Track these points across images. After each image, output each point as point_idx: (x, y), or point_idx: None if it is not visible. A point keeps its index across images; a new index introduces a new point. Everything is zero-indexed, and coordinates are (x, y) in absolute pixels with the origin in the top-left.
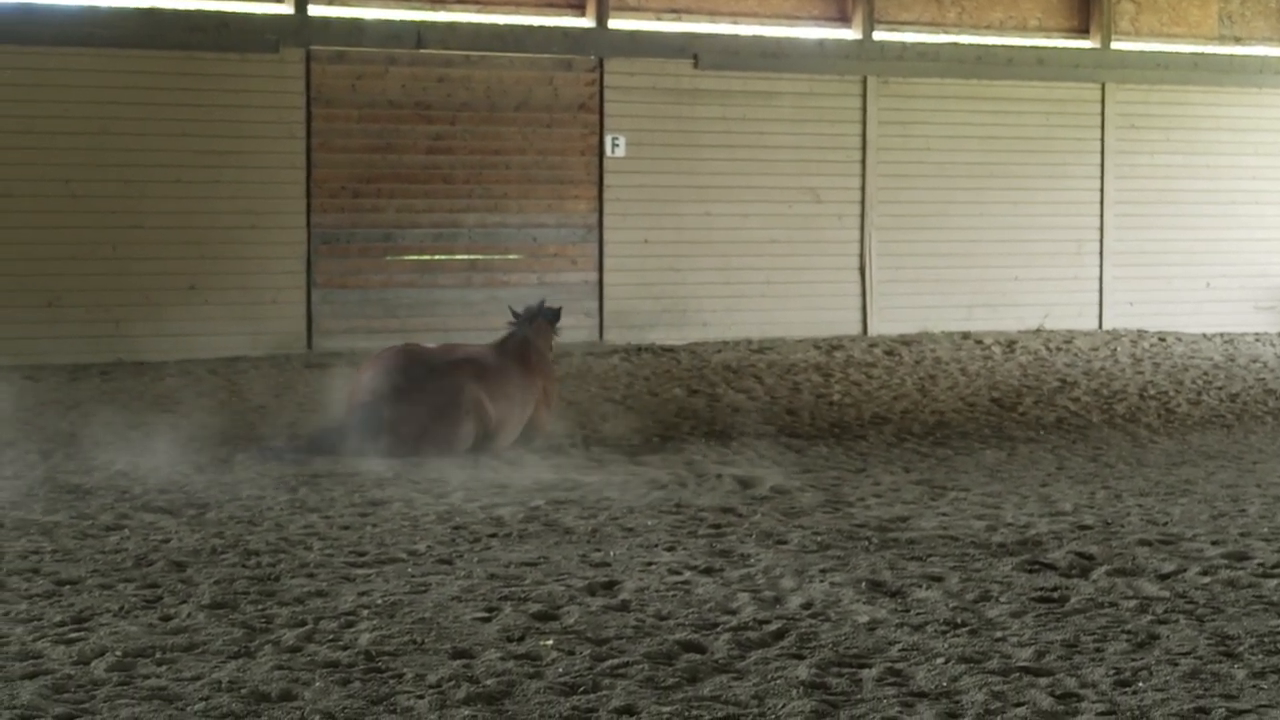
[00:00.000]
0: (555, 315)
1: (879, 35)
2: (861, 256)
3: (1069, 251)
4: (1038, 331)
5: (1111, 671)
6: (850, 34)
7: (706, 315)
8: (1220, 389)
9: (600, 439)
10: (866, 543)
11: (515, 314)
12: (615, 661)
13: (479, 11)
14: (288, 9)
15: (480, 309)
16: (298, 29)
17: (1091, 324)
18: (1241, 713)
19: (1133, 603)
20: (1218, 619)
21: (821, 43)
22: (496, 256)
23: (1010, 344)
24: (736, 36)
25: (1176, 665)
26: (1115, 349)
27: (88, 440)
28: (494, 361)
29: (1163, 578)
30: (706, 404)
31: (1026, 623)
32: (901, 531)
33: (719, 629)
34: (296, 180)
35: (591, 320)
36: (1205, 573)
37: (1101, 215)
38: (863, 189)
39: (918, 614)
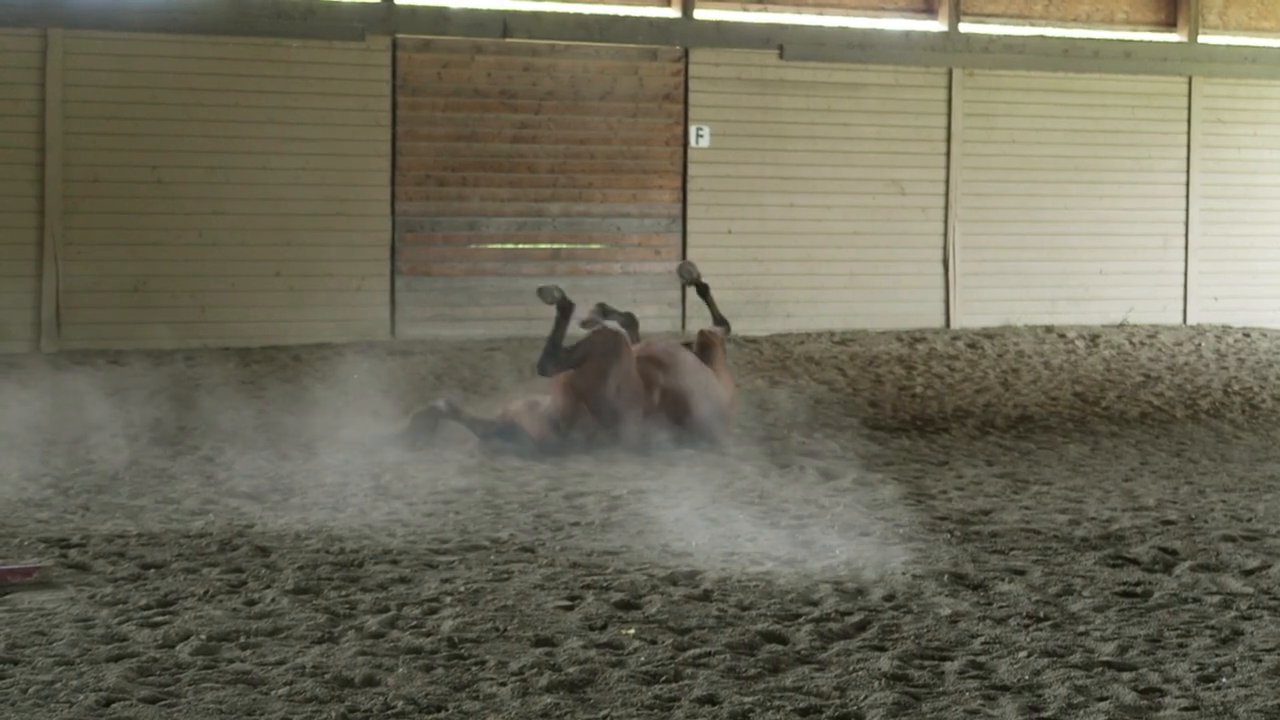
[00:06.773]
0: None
1: (965, 27)
2: (945, 249)
3: (1154, 246)
4: (1121, 326)
5: (1195, 667)
6: (936, 25)
7: (789, 306)
8: None
9: None
10: (949, 535)
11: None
12: (697, 651)
13: (565, 0)
14: None
15: None
16: (384, 17)
17: (1176, 319)
18: None
19: (1216, 598)
20: None
21: (907, 34)
22: (580, 246)
23: (1094, 338)
24: (822, 27)
25: (1260, 661)
26: (1199, 344)
27: (173, 425)
28: None
29: (1247, 573)
30: (789, 395)
31: (1109, 617)
32: (984, 524)
33: (801, 620)
34: (381, 168)
35: (674, 310)
36: None
37: (1187, 209)
38: (947, 181)
39: (1000, 607)
